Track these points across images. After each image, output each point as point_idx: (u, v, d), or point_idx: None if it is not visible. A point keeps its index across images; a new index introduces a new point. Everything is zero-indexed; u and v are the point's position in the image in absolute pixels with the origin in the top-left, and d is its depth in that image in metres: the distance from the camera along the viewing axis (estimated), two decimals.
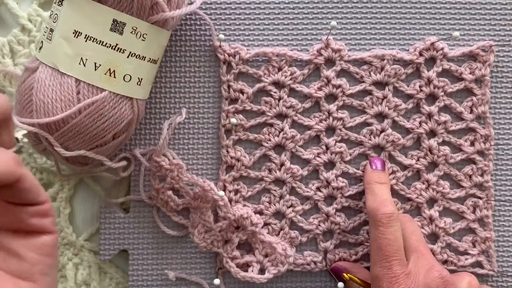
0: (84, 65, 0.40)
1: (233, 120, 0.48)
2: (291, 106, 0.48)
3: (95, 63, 0.40)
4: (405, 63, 0.48)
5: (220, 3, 0.48)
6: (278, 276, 0.48)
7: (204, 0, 0.47)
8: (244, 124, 0.48)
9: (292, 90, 0.48)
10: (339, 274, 0.47)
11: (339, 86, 0.48)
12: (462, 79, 0.49)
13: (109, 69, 0.41)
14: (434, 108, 0.48)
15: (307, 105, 0.48)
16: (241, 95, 0.48)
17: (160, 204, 0.48)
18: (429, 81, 0.48)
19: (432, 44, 0.48)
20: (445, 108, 0.49)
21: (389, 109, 0.48)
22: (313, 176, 0.49)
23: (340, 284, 0.46)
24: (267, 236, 0.48)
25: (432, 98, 0.49)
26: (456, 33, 0.47)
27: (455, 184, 0.49)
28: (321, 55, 0.48)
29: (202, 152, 0.49)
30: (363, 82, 0.48)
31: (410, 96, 0.49)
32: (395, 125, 0.49)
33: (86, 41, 0.40)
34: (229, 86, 0.48)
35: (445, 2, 0.49)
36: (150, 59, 0.43)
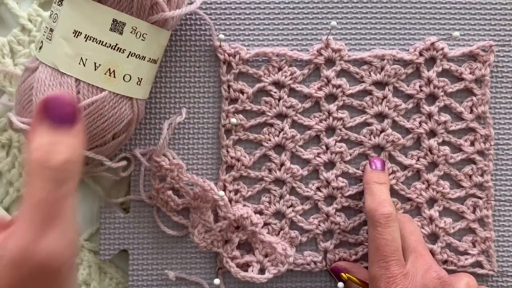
0: (84, 65, 0.40)
1: (233, 120, 0.48)
2: (291, 106, 0.48)
3: (95, 63, 0.40)
4: (405, 63, 0.48)
5: (220, 3, 0.48)
6: (278, 276, 0.48)
7: (204, 0, 0.47)
8: (244, 124, 0.48)
9: (292, 90, 0.48)
10: (339, 274, 0.47)
11: (339, 86, 0.48)
12: (462, 79, 0.49)
13: (109, 69, 0.41)
14: (434, 108, 0.48)
15: (307, 105, 0.48)
16: (241, 95, 0.48)
17: (160, 204, 0.48)
18: (429, 81, 0.48)
19: (432, 44, 0.48)
20: (445, 108, 0.49)
21: (389, 109, 0.48)
22: (313, 176, 0.49)
23: (340, 284, 0.46)
24: (267, 236, 0.48)
25: (432, 98, 0.49)
26: (456, 33, 0.47)
27: (455, 184, 0.49)
28: (321, 55, 0.48)
29: (202, 152, 0.49)
30: (363, 82, 0.48)
31: (410, 96, 0.49)
32: (395, 125, 0.49)
33: (86, 41, 0.40)
34: (229, 86, 0.48)
35: (445, 2, 0.49)
36: (150, 59, 0.43)
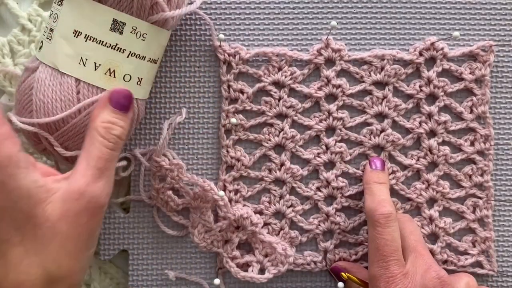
0: (84, 65, 0.40)
1: (233, 120, 0.48)
2: (291, 106, 0.48)
3: (95, 63, 0.40)
4: (405, 63, 0.49)
5: (220, 3, 0.48)
6: (278, 276, 0.48)
7: (204, 0, 0.47)
8: (244, 124, 0.48)
9: (292, 90, 0.48)
10: (339, 274, 0.47)
11: (339, 86, 0.48)
12: (462, 79, 0.49)
13: (109, 69, 0.41)
14: (434, 108, 0.48)
15: (307, 105, 0.48)
16: (241, 95, 0.48)
17: (160, 204, 0.48)
18: (429, 81, 0.48)
19: (432, 44, 0.48)
20: (445, 108, 0.49)
21: (389, 109, 0.48)
22: (313, 176, 0.49)
23: (340, 284, 0.46)
24: (267, 236, 0.48)
25: (432, 98, 0.49)
26: (456, 33, 0.47)
27: (455, 184, 0.49)
28: (321, 55, 0.48)
29: (202, 152, 0.49)
30: (363, 82, 0.48)
31: (410, 96, 0.49)
32: (395, 125, 0.49)
33: (86, 41, 0.40)
34: (229, 86, 0.48)
35: (445, 2, 0.49)
36: (150, 59, 0.43)
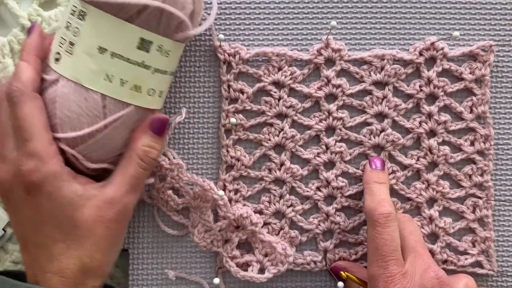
0: (110, 81, 0.40)
1: (233, 120, 0.48)
2: (291, 106, 0.48)
3: (121, 79, 0.40)
4: (405, 63, 0.49)
5: (220, 3, 0.48)
6: (278, 276, 0.48)
7: (204, 0, 0.47)
8: (244, 124, 0.48)
9: (292, 90, 0.48)
10: (338, 274, 0.47)
11: (339, 86, 0.48)
12: (462, 79, 0.49)
13: (135, 85, 0.41)
14: (434, 108, 0.48)
15: (307, 105, 0.48)
16: (241, 95, 0.48)
17: (161, 203, 0.48)
18: (429, 81, 0.48)
19: (432, 44, 0.48)
20: (445, 108, 0.49)
21: (389, 109, 0.48)
22: (313, 176, 0.49)
23: (340, 284, 0.46)
24: (266, 235, 0.48)
25: (432, 98, 0.49)
26: (456, 33, 0.47)
27: (455, 184, 0.49)
28: (321, 55, 0.48)
29: (202, 152, 0.49)
30: (363, 82, 0.48)
31: (410, 96, 0.49)
32: (395, 125, 0.49)
33: (112, 58, 0.40)
34: (229, 86, 0.48)
35: (445, 2, 0.49)
36: (171, 72, 0.44)
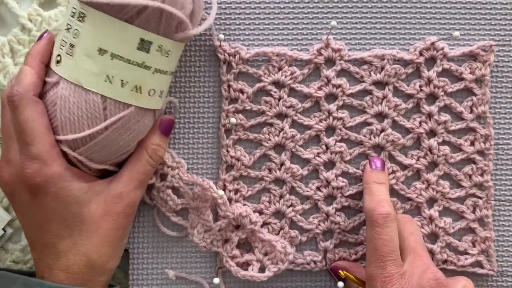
0: (110, 82, 0.40)
1: (233, 119, 0.48)
2: (291, 105, 0.48)
3: (122, 80, 0.40)
4: (405, 63, 0.48)
5: (220, 3, 0.48)
6: (278, 275, 0.48)
7: (204, 0, 0.47)
8: (244, 124, 0.48)
9: (292, 89, 0.48)
10: (338, 274, 0.47)
11: (339, 85, 0.48)
12: (462, 79, 0.49)
13: (136, 86, 0.41)
14: (434, 108, 0.48)
15: (307, 104, 0.48)
16: (241, 94, 0.48)
17: (160, 203, 0.48)
18: (429, 81, 0.48)
19: (432, 44, 0.48)
20: (445, 108, 0.49)
21: (389, 109, 0.48)
22: (313, 176, 0.49)
23: (340, 284, 0.47)
24: (266, 234, 0.48)
25: (432, 98, 0.49)
26: (456, 33, 0.47)
27: (455, 184, 0.49)
28: (321, 54, 0.48)
29: (202, 152, 0.49)
30: (363, 82, 0.48)
31: (410, 96, 0.49)
32: (395, 125, 0.49)
33: (112, 59, 0.40)
34: (229, 86, 0.48)
35: (445, 1, 0.49)
36: (171, 72, 0.44)
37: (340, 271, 0.46)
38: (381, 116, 0.49)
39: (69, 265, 0.41)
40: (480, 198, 0.49)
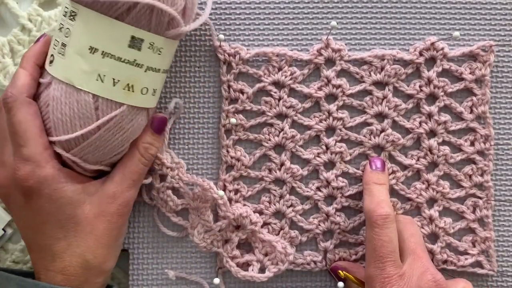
0: (102, 81, 0.40)
1: (233, 120, 0.48)
2: (291, 106, 0.48)
3: (113, 79, 0.40)
4: (405, 63, 0.48)
5: (220, 3, 0.48)
6: (278, 275, 0.48)
7: (204, 0, 0.47)
8: (244, 124, 0.48)
9: (292, 90, 0.48)
10: (338, 274, 0.47)
11: (339, 86, 0.48)
12: (462, 79, 0.49)
13: (128, 84, 0.41)
14: (434, 108, 0.48)
15: (307, 105, 0.48)
16: (241, 95, 0.48)
17: (160, 204, 0.48)
18: (429, 81, 0.48)
19: (432, 44, 0.48)
20: (445, 108, 0.49)
21: (389, 109, 0.48)
22: (313, 176, 0.49)
23: (340, 284, 0.47)
24: (266, 234, 0.48)
25: (432, 98, 0.49)
26: (456, 33, 0.47)
27: (455, 184, 0.49)
28: (321, 55, 0.48)
29: (202, 152, 0.49)
30: (363, 82, 0.48)
31: (410, 96, 0.49)
32: (395, 125, 0.49)
33: (103, 57, 0.39)
34: (229, 86, 0.48)
35: (445, 2, 0.49)
36: (164, 70, 0.43)
37: (340, 272, 0.46)
38: (381, 116, 0.49)
39: (64, 266, 0.41)
40: (480, 198, 0.49)
